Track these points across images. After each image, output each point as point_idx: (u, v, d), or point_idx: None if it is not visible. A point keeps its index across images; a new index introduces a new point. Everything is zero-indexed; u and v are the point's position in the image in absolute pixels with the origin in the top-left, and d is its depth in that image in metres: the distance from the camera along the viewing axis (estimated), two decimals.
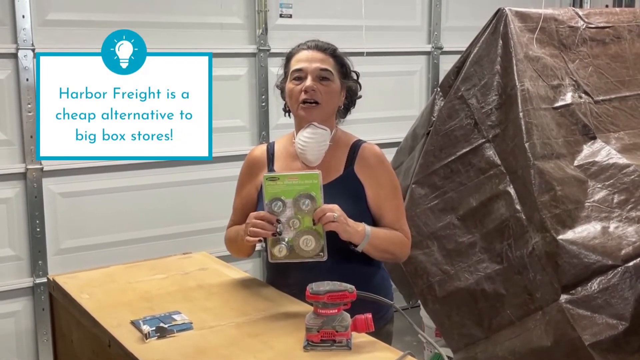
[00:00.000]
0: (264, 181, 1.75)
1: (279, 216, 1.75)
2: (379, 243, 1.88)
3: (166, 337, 1.65)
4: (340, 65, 1.95)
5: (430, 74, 4.13)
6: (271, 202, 1.75)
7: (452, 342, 2.77)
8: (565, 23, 3.04)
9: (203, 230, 3.42)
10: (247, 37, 3.55)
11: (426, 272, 2.81)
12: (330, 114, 1.95)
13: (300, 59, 1.92)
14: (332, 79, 1.91)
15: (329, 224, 1.74)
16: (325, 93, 1.89)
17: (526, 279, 2.54)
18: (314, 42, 1.95)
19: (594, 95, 2.92)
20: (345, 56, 1.99)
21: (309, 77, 1.89)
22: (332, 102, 1.92)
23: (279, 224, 1.74)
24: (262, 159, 2.02)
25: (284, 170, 1.95)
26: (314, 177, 1.74)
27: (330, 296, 1.55)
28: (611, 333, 2.32)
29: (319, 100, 1.89)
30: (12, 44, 3.00)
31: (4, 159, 3.05)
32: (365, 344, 1.60)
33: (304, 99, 1.88)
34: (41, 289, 3.12)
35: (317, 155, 1.92)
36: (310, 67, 1.90)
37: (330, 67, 1.91)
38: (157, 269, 2.20)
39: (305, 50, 1.94)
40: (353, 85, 2.00)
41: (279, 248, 1.77)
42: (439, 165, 2.90)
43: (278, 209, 1.75)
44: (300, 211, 1.75)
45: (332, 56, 1.94)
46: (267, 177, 1.76)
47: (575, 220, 2.52)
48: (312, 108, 1.89)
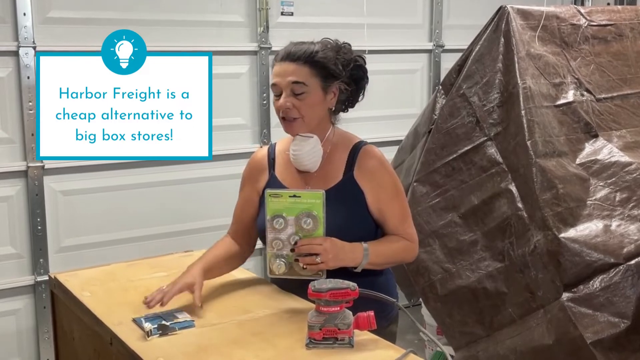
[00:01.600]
0: (266, 197, 1.75)
1: (280, 233, 1.75)
2: (380, 259, 1.86)
3: (168, 335, 1.64)
4: (321, 68, 1.84)
5: (432, 72, 4.13)
6: (273, 219, 1.75)
7: (453, 341, 2.77)
8: (567, 21, 3.04)
9: (204, 228, 3.42)
10: (248, 35, 3.54)
11: (428, 271, 2.80)
12: (315, 123, 1.88)
13: (275, 73, 1.87)
14: (308, 90, 1.83)
15: (313, 266, 1.73)
16: (302, 107, 1.84)
17: (528, 277, 2.53)
18: (287, 51, 1.86)
19: (596, 93, 2.92)
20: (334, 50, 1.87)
21: (284, 93, 1.84)
22: (313, 113, 1.86)
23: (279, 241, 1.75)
24: (263, 162, 2.00)
25: (283, 175, 1.94)
26: (317, 196, 1.73)
27: (333, 294, 1.55)
28: (613, 331, 2.31)
29: (295, 116, 1.84)
30: (13, 42, 3.00)
31: (5, 157, 3.05)
32: (368, 342, 1.60)
33: (283, 115, 1.86)
34: (42, 287, 3.12)
35: (311, 162, 1.89)
36: (283, 81, 1.84)
37: (304, 78, 1.83)
38: (158, 267, 2.20)
39: (278, 64, 1.87)
40: (344, 84, 1.88)
41: (277, 265, 1.76)
42: (441, 163, 2.90)
43: (279, 226, 1.75)
44: (302, 230, 1.74)
45: (309, 63, 1.84)
46: (270, 193, 1.75)
47: (577, 219, 2.52)
48: (292, 123, 1.86)
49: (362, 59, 1.94)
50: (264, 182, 1.96)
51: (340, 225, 1.82)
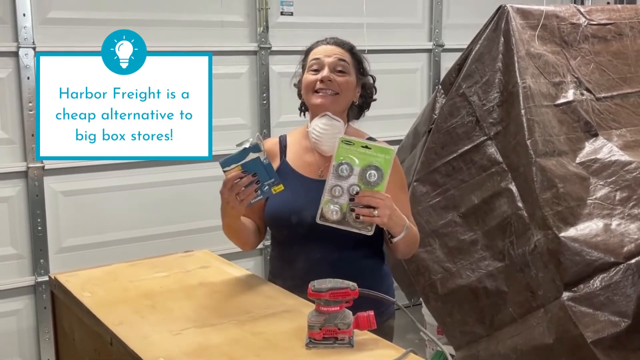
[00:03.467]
0: (338, 142, 1.70)
1: (343, 181, 1.70)
2: (409, 239, 1.86)
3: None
4: (358, 62, 1.97)
5: (432, 71, 4.13)
6: (339, 165, 1.70)
7: (454, 340, 2.77)
8: (566, 20, 3.04)
9: (204, 228, 3.42)
10: (248, 35, 3.54)
11: (428, 270, 2.80)
12: (345, 105, 1.95)
13: (319, 52, 1.95)
14: (349, 71, 1.93)
15: (368, 218, 1.70)
16: (342, 83, 1.90)
17: (528, 276, 2.53)
18: (332, 39, 1.99)
19: (596, 92, 2.92)
20: (362, 56, 2.01)
21: (326, 68, 1.91)
22: (348, 93, 1.93)
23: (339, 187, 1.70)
24: (275, 150, 2.02)
25: (295, 162, 1.96)
26: (388, 152, 1.70)
27: (333, 293, 1.55)
28: (613, 330, 2.32)
29: (335, 89, 1.90)
30: (13, 42, 3.00)
31: (5, 158, 3.05)
32: (368, 342, 1.60)
33: (319, 88, 1.90)
34: (43, 288, 3.13)
35: (332, 145, 1.86)
36: (329, 58, 1.92)
37: (348, 60, 1.94)
38: (158, 267, 2.20)
39: (323, 45, 1.97)
40: (368, 83, 2.01)
41: (332, 210, 1.71)
42: (441, 162, 2.90)
43: (343, 173, 1.70)
44: (365, 181, 1.70)
45: (350, 52, 1.96)
46: (342, 139, 1.71)
47: (577, 218, 2.52)
48: (328, 97, 1.90)
49: (373, 78, 2.04)
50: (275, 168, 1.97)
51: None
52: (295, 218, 1.89)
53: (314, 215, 1.76)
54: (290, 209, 1.90)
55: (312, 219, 1.80)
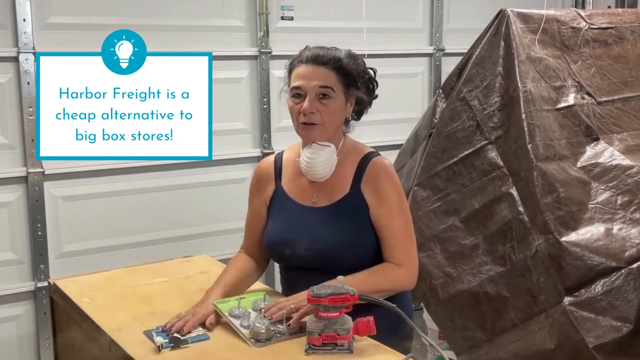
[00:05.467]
0: (215, 306, 1.75)
1: (244, 319, 1.70)
2: (374, 289, 1.74)
3: (180, 348, 1.61)
4: (345, 75, 1.83)
5: (432, 75, 4.12)
6: (231, 314, 1.73)
7: (455, 345, 2.75)
8: (567, 24, 3.03)
9: (204, 233, 3.41)
10: (249, 40, 3.54)
11: (429, 275, 2.79)
12: (333, 130, 1.85)
13: (299, 75, 1.81)
14: (334, 96, 1.80)
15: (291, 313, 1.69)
16: (325, 113, 1.79)
17: (529, 281, 2.52)
18: (314, 54, 1.83)
19: (597, 97, 2.91)
20: (354, 59, 1.87)
21: (308, 97, 1.79)
22: (334, 120, 1.83)
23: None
24: (270, 172, 1.97)
25: (289, 186, 1.92)
26: (258, 295, 1.81)
27: (332, 299, 1.54)
28: (615, 335, 2.30)
29: (317, 122, 1.80)
30: (13, 48, 3.00)
31: (5, 163, 3.04)
32: (367, 347, 1.60)
33: (303, 121, 1.81)
34: (43, 293, 3.12)
35: (324, 172, 1.84)
36: (309, 85, 1.79)
37: (331, 83, 1.80)
38: (157, 272, 2.20)
39: (304, 65, 1.82)
40: (362, 94, 1.88)
41: (259, 332, 1.65)
42: (441, 167, 2.89)
43: (240, 313, 1.73)
44: (258, 309, 1.74)
45: (336, 68, 1.81)
46: (216, 302, 1.76)
47: (579, 222, 2.51)
48: (312, 128, 1.81)
49: (373, 71, 1.94)
50: (270, 192, 1.95)
51: (346, 240, 1.80)
52: (289, 250, 1.86)
53: (308, 247, 1.79)
54: (284, 242, 1.87)
55: (305, 251, 1.80)
